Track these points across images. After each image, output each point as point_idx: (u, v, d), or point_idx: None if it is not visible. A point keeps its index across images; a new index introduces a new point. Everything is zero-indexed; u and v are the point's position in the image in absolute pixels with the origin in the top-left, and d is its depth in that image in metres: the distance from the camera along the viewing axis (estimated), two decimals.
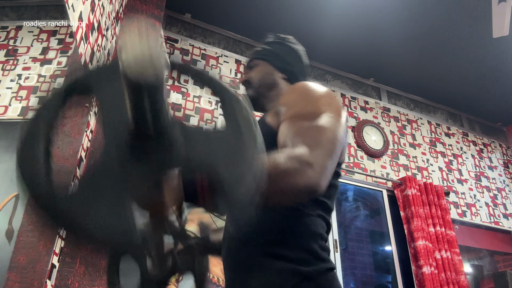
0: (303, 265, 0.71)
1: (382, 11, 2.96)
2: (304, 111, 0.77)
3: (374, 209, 3.31)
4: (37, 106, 0.48)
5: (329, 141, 0.70)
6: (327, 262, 0.74)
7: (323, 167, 0.65)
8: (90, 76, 0.53)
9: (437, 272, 2.82)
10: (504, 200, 3.91)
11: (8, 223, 1.46)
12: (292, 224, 0.76)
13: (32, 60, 1.73)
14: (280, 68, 1.08)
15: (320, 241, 0.76)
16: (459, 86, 3.80)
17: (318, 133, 0.70)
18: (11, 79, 1.66)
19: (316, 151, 0.66)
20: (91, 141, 1.96)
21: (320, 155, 0.66)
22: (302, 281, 0.69)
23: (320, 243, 0.76)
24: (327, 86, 3.55)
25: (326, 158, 0.67)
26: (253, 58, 1.12)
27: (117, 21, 2.28)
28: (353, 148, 3.33)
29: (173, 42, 3.00)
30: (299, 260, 0.71)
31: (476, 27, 3.07)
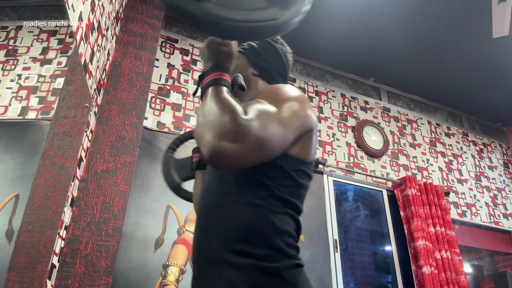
0: (268, 261, 0.71)
1: (382, 11, 2.96)
2: (269, 98, 0.79)
3: (374, 209, 3.31)
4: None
5: (288, 119, 0.76)
6: (294, 259, 0.75)
7: (268, 133, 0.70)
8: None
9: (437, 272, 2.82)
10: (504, 200, 3.91)
11: (8, 223, 1.46)
12: (257, 221, 0.76)
13: (32, 60, 1.73)
14: (254, 63, 1.07)
15: (287, 238, 0.76)
16: (459, 86, 3.80)
17: (277, 114, 0.74)
18: (11, 79, 1.66)
19: (271, 122, 0.71)
20: (91, 141, 1.96)
21: (273, 126, 0.71)
22: (266, 277, 0.70)
23: (287, 240, 0.76)
24: (327, 86, 3.55)
25: (278, 130, 0.72)
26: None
27: (117, 21, 2.28)
28: (353, 148, 3.33)
29: (173, 42, 3.00)
30: (264, 257, 0.72)
31: (476, 27, 3.07)
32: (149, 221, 2.24)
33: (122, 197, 1.91)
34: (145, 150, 2.43)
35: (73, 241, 1.71)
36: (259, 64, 1.07)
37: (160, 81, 2.77)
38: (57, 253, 1.62)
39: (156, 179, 2.38)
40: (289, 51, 1.14)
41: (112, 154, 1.99)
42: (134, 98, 2.20)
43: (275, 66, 1.10)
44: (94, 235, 1.77)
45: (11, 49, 1.69)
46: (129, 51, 2.33)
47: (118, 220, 1.85)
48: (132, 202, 2.23)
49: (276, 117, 0.74)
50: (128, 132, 2.08)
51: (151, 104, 2.64)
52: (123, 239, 2.10)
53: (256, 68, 1.07)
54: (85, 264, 1.69)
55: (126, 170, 1.98)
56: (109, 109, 2.09)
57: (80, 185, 1.84)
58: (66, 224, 1.72)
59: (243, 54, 1.09)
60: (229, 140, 0.65)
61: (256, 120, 0.69)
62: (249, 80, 1.05)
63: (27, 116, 1.64)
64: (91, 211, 1.81)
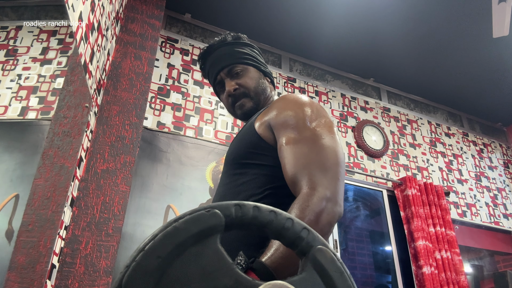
0: None
1: (382, 11, 2.96)
2: (303, 134, 0.79)
3: (374, 209, 3.30)
4: None
5: (334, 163, 0.75)
6: None
7: (336, 193, 0.71)
8: None
9: (437, 272, 2.82)
10: (504, 200, 3.91)
11: (8, 223, 1.45)
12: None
13: (32, 60, 1.72)
14: (265, 73, 1.06)
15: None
16: (459, 86, 3.80)
17: (323, 159, 0.75)
18: (11, 79, 1.66)
19: (326, 180, 0.71)
20: (91, 141, 1.96)
21: (330, 182, 0.71)
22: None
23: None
24: (327, 86, 3.55)
25: (336, 182, 0.73)
26: (235, 63, 1.01)
27: (117, 21, 2.28)
28: (353, 148, 3.33)
29: (173, 42, 3.00)
30: None
31: (476, 27, 3.07)
32: (149, 221, 2.24)
33: (122, 197, 1.91)
34: (145, 150, 2.43)
35: (73, 241, 1.71)
36: (266, 71, 1.07)
37: (160, 81, 2.77)
38: (57, 253, 1.62)
39: (156, 179, 2.38)
40: None
41: (112, 154, 1.99)
42: (134, 98, 2.20)
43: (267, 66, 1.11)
44: (94, 235, 1.77)
45: (11, 49, 1.69)
46: (129, 51, 2.33)
47: (118, 220, 1.85)
48: (132, 202, 2.23)
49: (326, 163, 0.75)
50: (128, 132, 2.08)
51: (151, 104, 2.64)
52: (123, 239, 2.10)
53: (266, 76, 1.07)
54: (85, 264, 1.69)
55: (126, 170, 1.98)
56: (109, 109, 2.09)
57: (80, 185, 1.84)
58: (66, 224, 1.72)
59: (252, 66, 1.04)
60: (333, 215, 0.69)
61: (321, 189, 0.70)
62: (266, 89, 1.04)
63: (27, 116, 1.64)
64: (91, 211, 1.81)
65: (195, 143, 2.63)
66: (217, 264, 0.40)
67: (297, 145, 0.78)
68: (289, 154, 0.77)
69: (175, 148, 2.54)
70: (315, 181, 0.71)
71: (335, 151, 0.77)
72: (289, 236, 0.45)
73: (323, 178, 0.72)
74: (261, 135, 0.86)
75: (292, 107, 0.85)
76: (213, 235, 0.41)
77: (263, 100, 1.03)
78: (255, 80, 1.02)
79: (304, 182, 0.72)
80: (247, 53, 1.05)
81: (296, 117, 0.82)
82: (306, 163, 0.74)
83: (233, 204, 0.43)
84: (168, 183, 2.40)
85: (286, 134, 0.80)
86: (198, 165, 2.55)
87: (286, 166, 0.77)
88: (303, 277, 0.44)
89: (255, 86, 1.01)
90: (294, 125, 0.81)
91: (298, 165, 0.75)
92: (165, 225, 0.40)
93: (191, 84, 2.89)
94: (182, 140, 2.60)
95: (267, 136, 0.85)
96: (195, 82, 2.91)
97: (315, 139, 0.78)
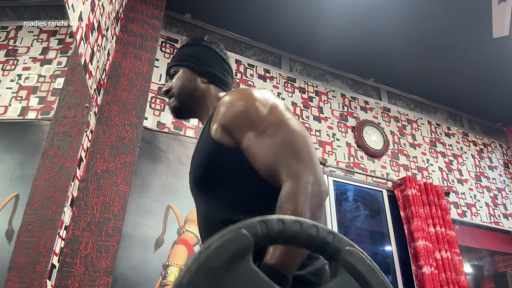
0: None
1: (382, 11, 2.96)
2: (261, 127, 0.78)
3: (374, 209, 3.30)
4: None
5: (303, 145, 0.74)
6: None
7: (316, 174, 0.71)
8: None
9: (437, 272, 2.82)
10: (504, 200, 3.91)
11: (8, 223, 1.45)
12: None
13: (32, 60, 1.72)
14: (199, 72, 1.04)
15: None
16: (459, 86, 3.80)
17: (291, 145, 0.74)
18: (11, 79, 1.66)
19: (303, 166, 0.71)
20: (91, 141, 1.96)
21: (307, 166, 0.71)
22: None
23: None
24: (327, 86, 3.55)
25: (312, 163, 0.72)
26: (171, 66, 1.08)
27: (117, 21, 2.28)
28: (353, 148, 3.33)
29: (173, 42, 3.00)
30: None
31: (476, 27, 3.07)
32: (149, 221, 2.24)
33: (122, 197, 1.91)
34: (145, 150, 2.43)
35: (73, 241, 1.71)
36: (205, 71, 1.05)
37: (160, 81, 2.77)
38: (57, 253, 1.62)
39: (156, 179, 2.38)
40: (221, 47, 1.12)
41: (112, 154, 1.99)
42: (134, 98, 2.20)
43: (221, 68, 1.08)
44: (94, 235, 1.77)
45: (11, 49, 1.69)
46: (129, 51, 2.33)
47: (118, 220, 1.85)
48: (132, 202, 2.23)
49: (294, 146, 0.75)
50: (128, 132, 2.08)
51: (151, 104, 2.64)
52: (123, 239, 2.10)
53: (203, 76, 1.04)
54: (85, 264, 1.69)
55: (126, 170, 1.98)
56: (109, 109, 2.09)
57: (80, 185, 1.84)
58: (66, 224, 1.72)
59: (184, 67, 1.05)
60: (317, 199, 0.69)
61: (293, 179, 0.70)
62: (200, 90, 1.03)
63: (27, 116, 1.64)
64: (91, 211, 1.81)
65: (195, 143, 2.62)
66: (256, 284, 0.41)
67: (260, 139, 0.76)
68: (257, 151, 0.76)
69: (175, 148, 2.54)
70: (292, 170, 0.70)
71: (298, 131, 0.76)
72: (317, 243, 0.46)
73: (299, 164, 0.71)
74: (219, 141, 0.83)
75: (238, 102, 0.83)
76: (245, 256, 0.41)
77: (193, 100, 1.03)
78: (181, 81, 1.04)
79: (283, 173, 0.71)
80: (186, 54, 1.07)
81: (248, 112, 0.80)
82: (277, 155, 0.73)
83: (257, 222, 0.44)
84: (168, 183, 2.40)
85: (245, 133, 0.79)
86: None
87: (258, 164, 0.76)
88: (339, 281, 0.45)
89: (179, 86, 1.04)
90: (249, 120, 0.79)
91: (270, 159, 0.74)
92: (196, 255, 0.40)
93: None
94: (182, 140, 2.60)
95: (226, 140, 0.83)
96: None
97: (275, 128, 0.76)
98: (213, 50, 1.08)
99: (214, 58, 1.08)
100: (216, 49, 1.09)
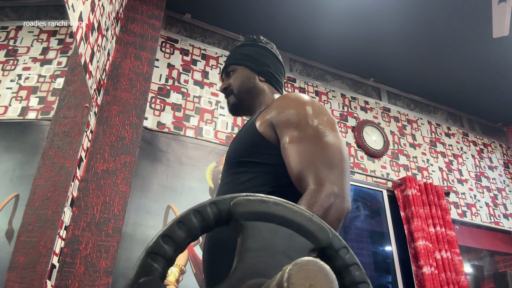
0: None
1: (382, 11, 2.96)
2: (306, 132, 0.80)
3: (374, 209, 3.30)
4: None
5: (339, 160, 0.75)
6: None
7: (343, 189, 0.71)
8: None
9: (437, 273, 2.82)
10: (504, 200, 3.91)
11: (8, 223, 1.45)
12: None
13: (32, 60, 1.72)
14: (257, 71, 1.08)
15: None
16: (459, 86, 3.80)
17: (328, 155, 0.75)
18: (11, 79, 1.65)
19: (332, 176, 0.71)
20: (91, 141, 1.96)
21: (337, 178, 0.72)
22: None
23: None
24: (327, 86, 3.55)
25: (342, 178, 0.73)
26: (228, 64, 1.11)
27: (117, 21, 2.28)
28: (353, 148, 3.33)
29: (173, 42, 3.00)
30: None
31: (476, 27, 3.07)
32: (149, 221, 2.24)
33: (122, 197, 1.91)
34: (145, 150, 2.43)
35: (73, 241, 1.71)
36: (263, 70, 1.08)
37: (160, 81, 2.77)
38: (57, 253, 1.62)
39: (156, 179, 2.38)
40: (275, 47, 1.16)
41: (112, 154, 1.99)
42: (134, 98, 2.20)
43: (276, 68, 1.11)
44: (94, 235, 1.77)
45: (11, 49, 1.69)
46: (129, 51, 2.33)
47: (118, 220, 1.85)
48: (132, 202, 2.23)
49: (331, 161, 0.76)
50: (128, 132, 2.08)
51: (151, 104, 2.64)
52: (123, 239, 2.10)
53: (261, 75, 1.08)
54: (85, 264, 1.69)
55: (126, 170, 1.98)
56: (109, 109, 2.09)
57: (80, 185, 1.84)
58: (66, 224, 1.72)
59: (243, 65, 1.09)
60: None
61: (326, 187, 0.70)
62: (258, 88, 1.07)
63: (27, 116, 1.64)
64: (91, 211, 1.81)
65: (195, 143, 2.63)
66: None
67: (301, 143, 0.78)
68: (293, 152, 0.78)
69: (175, 148, 2.54)
70: (321, 177, 0.71)
71: (339, 147, 0.78)
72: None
73: (329, 174, 0.72)
74: (262, 134, 0.87)
75: (294, 106, 0.86)
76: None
77: (251, 97, 1.07)
78: (240, 79, 1.08)
79: (311, 178, 0.72)
80: (244, 53, 1.10)
81: (298, 116, 0.83)
82: (312, 160, 0.74)
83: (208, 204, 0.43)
84: (168, 183, 2.40)
85: (289, 133, 0.81)
86: (198, 165, 2.55)
87: (291, 164, 0.77)
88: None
89: (239, 84, 1.07)
90: (296, 123, 0.82)
91: (303, 163, 0.75)
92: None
93: (191, 84, 2.89)
94: (182, 140, 2.60)
95: (268, 134, 0.86)
96: (195, 82, 2.91)
97: (318, 137, 0.78)
98: (269, 50, 1.13)
99: (271, 58, 1.12)
100: (272, 49, 1.13)
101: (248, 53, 1.10)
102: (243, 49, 1.12)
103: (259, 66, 1.08)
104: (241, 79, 1.07)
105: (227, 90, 1.09)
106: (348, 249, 0.46)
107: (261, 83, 1.08)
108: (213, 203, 0.43)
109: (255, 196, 0.44)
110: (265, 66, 1.09)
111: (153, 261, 0.41)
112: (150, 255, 0.41)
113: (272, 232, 0.43)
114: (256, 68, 1.08)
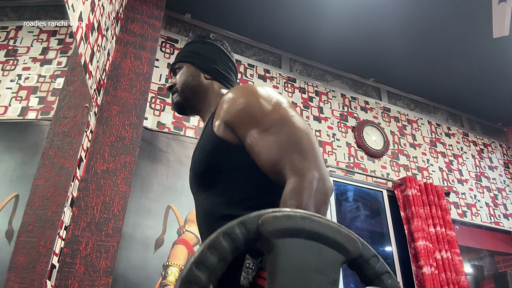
0: None
1: (382, 11, 2.96)
2: (265, 124, 0.77)
3: (374, 210, 3.30)
4: None
5: (307, 142, 0.74)
6: None
7: (321, 170, 0.70)
8: None
9: (437, 273, 2.82)
10: (505, 200, 3.91)
11: (8, 223, 1.45)
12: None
13: (32, 60, 1.72)
14: (203, 68, 1.04)
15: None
16: (459, 86, 3.80)
17: (296, 141, 0.73)
18: (11, 79, 1.65)
19: (307, 163, 0.71)
20: (91, 141, 1.96)
21: (313, 163, 0.71)
22: None
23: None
24: (327, 86, 3.55)
25: (317, 159, 0.72)
26: (175, 62, 1.09)
27: (117, 21, 2.28)
28: (353, 148, 3.33)
29: (173, 42, 3.00)
30: None
31: (476, 27, 3.07)
32: (149, 221, 2.24)
33: (122, 197, 1.91)
34: (145, 150, 2.43)
35: (73, 241, 1.71)
36: (208, 67, 1.05)
37: (160, 81, 2.77)
38: (57, 253, 1.62)
39: (156, 179, 2.38)
40: (226, 45, 1.12)
41: (112, 154, 1.99)
42: (134, 98, 2.20)
43: (224, 64, 1.08)
44: (94, 235, 1.77)
45: (11, 49, 1.69)
46: (129, 51, 2.33)
47: (118, 220, 1.85)
48: (132, 202, 2.22)
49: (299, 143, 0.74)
50: (128, 132, 2.08)
51: (151, 104, 2.64)
52: (123, 239, 2.10)
53: (207, 72, 1.05)
54: (85, 264, 1.69)
55: (126, 170, 1.98)
56: (109, 109, 2.09)
57: (80, 185, 1.84)
58: (66, 224, 1.72)
59: (188, 63, 1.06)
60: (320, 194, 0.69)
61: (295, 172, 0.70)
62: (203, 86, 1.03)
63: (27, 116, 1.64)
64: (91, 211, 1.81)
65: (195, 143, 2.62)
66: None
67: (264, 136, 0.76)
68: (261, 148, 0.75)
69: (175, 148, 2.54)
70: (298, 167, 0.70)
71: (303, 129, 0.76)
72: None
73: (304, 161, 0.71)
74: (222, 137, 0.83)
75: (244, 100, 0.82)
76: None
77: (196, 95, 1.03)
78: (185, 76, 1.05)
79: (288, 170, 0.70)
80: (190, 50, 1.07)
81: (251, 108, 0.80)
82: (282, 152, 0.73)
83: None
84: (168, 183, 2.40)
85: (248, 130, 0.78)
86: None
87: (262, 161, 0.75)
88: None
89: (183, 82, 1.04)
90: (252, 117, 0.79)
91: (274, 156, 0.73)
92: None
93: None
94: (182, 140, 2.60)
95: (229, 137, 0.82)
96: None
97: (279, 125, 0.76)
98: (217, 47, 1.09)
99: (219, 54, 1.08)
100: (221, 46, 1.09)
101: (195, 50, 1.07)
102: (191, 46, 1.09)
103: (204, 63, 1.05)
104: (185, 76, 1.04)
105: (172, 89, 1.06)
106: (379, 258, 0.46)
107: (206, 81, 1.04)
108: (241, 223, 0.43)
109: (281, 211, 0.44)
110: (211, 62, 1.05)
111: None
112: (186, 285, 0.39)
113: (302, 247, 0.43)
114: (202, 65, 1.04)
